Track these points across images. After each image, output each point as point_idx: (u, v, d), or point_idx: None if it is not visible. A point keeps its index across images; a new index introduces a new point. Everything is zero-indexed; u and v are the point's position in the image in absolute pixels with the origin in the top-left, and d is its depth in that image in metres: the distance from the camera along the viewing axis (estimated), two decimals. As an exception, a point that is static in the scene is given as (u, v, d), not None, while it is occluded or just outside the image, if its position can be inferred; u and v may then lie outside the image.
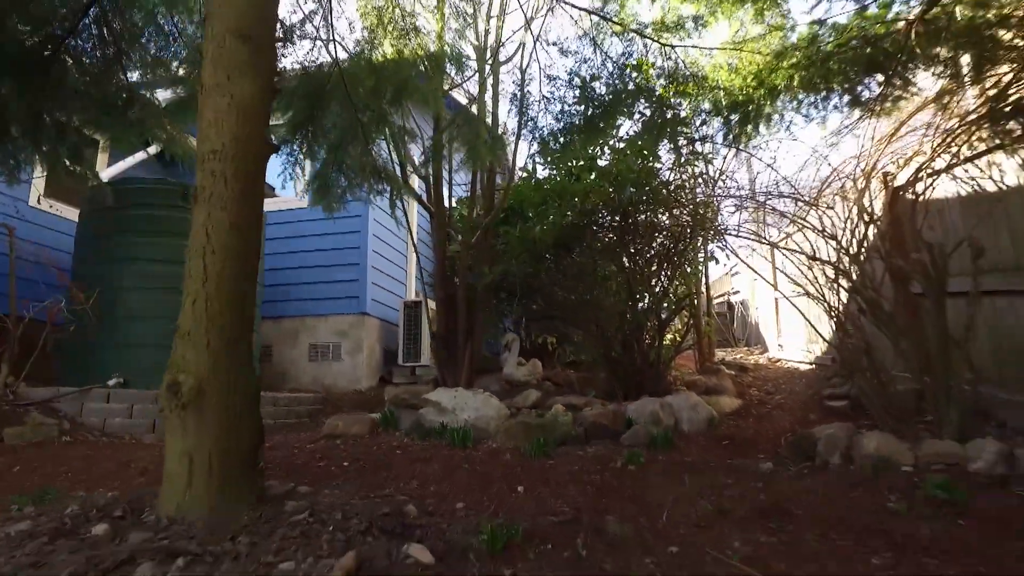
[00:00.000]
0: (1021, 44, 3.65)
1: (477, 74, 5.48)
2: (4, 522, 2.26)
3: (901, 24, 3.75)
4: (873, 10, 4.21)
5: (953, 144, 4.53)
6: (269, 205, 7.26)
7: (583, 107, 5.42)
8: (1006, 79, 3.98)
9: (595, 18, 4.49)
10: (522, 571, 1.94)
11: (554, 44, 5.15)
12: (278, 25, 3.83)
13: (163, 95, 5.13)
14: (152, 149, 7.72)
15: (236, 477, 2.43)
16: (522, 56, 5.30)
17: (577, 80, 5.28)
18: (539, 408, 4.78)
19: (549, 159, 5.64)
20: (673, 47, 4.50)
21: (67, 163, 4.95)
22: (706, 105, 4.87)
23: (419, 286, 8.76)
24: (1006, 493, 2.71)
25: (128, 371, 5.57)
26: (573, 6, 4.44)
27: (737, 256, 6.62)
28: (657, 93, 5.11)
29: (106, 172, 7.18)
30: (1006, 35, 3.62)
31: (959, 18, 3.70)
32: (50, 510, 2.43)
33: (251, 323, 2.66)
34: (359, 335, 7.47)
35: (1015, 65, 3.86)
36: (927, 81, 4.71)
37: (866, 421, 4.29)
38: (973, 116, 4.29)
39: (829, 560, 2.03)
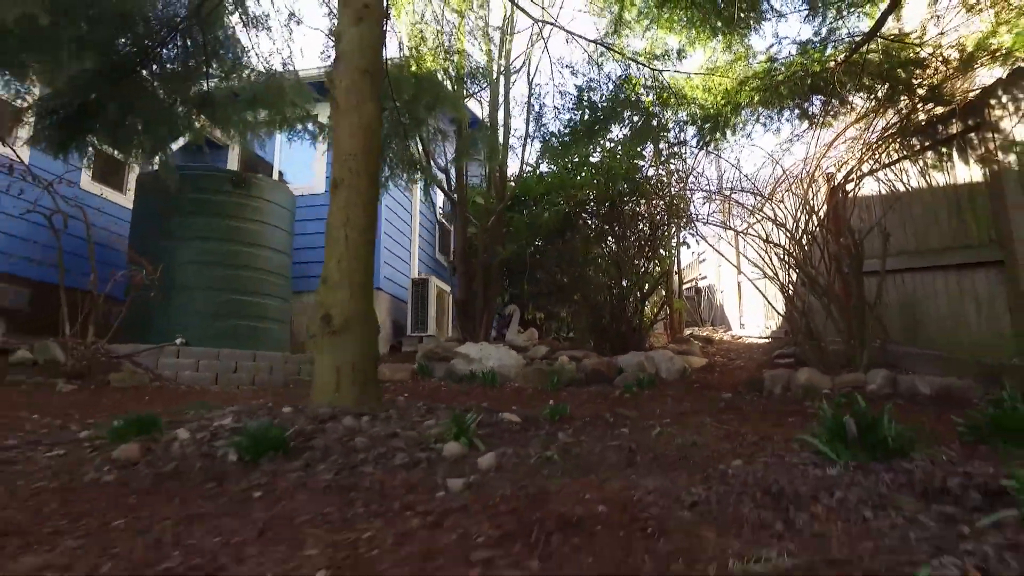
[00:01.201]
0: (915, 82, 5.04)
1: (489, 88, 6.67)
2: (213, 419, 3.41)
3: (831, 64, 5.10)
4: (814, 46, 5.57)
5: (875, 153, 5.96)
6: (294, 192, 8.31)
7: (580, 113, 6.69)
8: (910, 107, 5.39)
9: (596, 45, 5.74)
10: (576, 429, 3.19)
11: (566, 66, 6.39)
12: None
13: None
14: (181, 140, 8.66)
15: (367, 382, 3.62)
16: (529, 71, 6.51)
17: (575, 92, 6.53)
18: (547, 360, 6.05)
19: (551, 157, 6.87)
20: (660, 71, 5.79)
21: (143, 152, 5.98)
22: (684, 116, 6.18)
23: (421, 267, 9.97)
24: (885, 400, 4.08)
25: (186, 334, 6.61)
26: (583, 38, 5.68)
27: (706, 241, 8.02)
28: (643, 105, 6.40)
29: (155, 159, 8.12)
30: (903, 75, 5.00)
31: (875, 61, 5.07)
32: (234, 411, 3.58)
33: (372, 275, 3.84)
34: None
35: (915, 97, 5.27)
36: (859, 101, 6.12)
37: (785, 355, 5.70)
38: (888, 133, 5.71)
39: (762, 424, 3.35)
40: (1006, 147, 4.43)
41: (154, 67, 5.64)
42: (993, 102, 4.58)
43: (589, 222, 7.56)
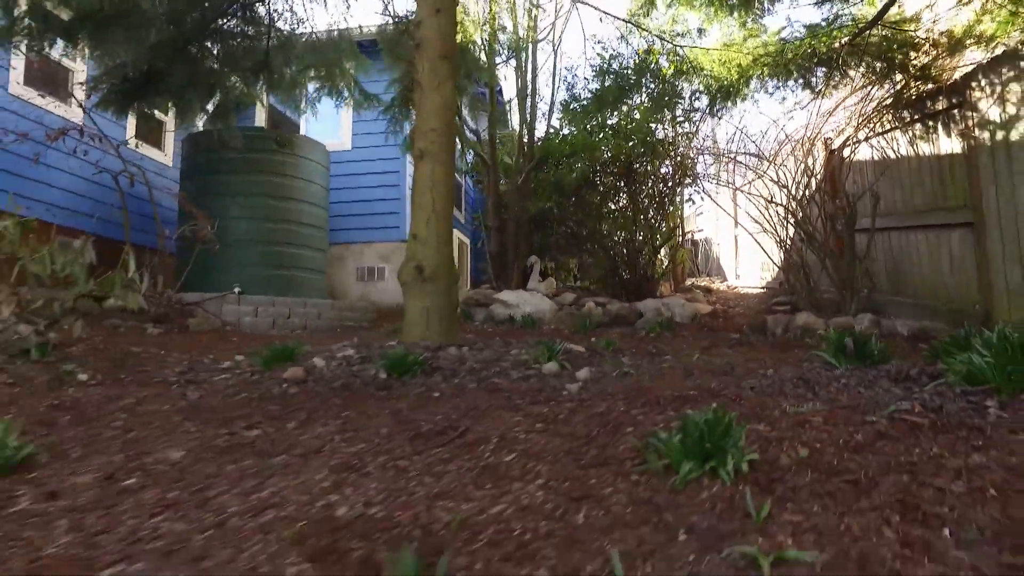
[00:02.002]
0: (909, 62, 5.85)
1: (516, 59, 7.36)
2: (336, 351, 4.25)
3: (836, 45, 5.89)
4: (822, 29, 6.34)
5: (870, 123, 6.80)
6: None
7: (602, 81, 7.42)
8: (903, 84, 6.22)
9: (625, 22, 6.46)
10: (631, 356, 4.10)
11: (593, 40, 7.07)
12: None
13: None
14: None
15: (450, 322, 4.49)
16: (555, 43, 7.21)
17: (598, 63, 7.25)
18: (575, 305, 6.95)
19: (574, 120, 7.63)
20: (680, 46, 6.53)
21: (201, 114, 6.63)
22: (699, 86, 6.94)
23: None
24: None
25: (239, 284, 7.38)
26: (615, 17, 6.38)
27: (712, 199, 8.88)
28: (662, 74, 7.15)
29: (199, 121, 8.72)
30: (899, 56, 5.81)
31: (875, 42, 5.86)
32: (351, 345, 4.43)
33: (451, 232, 4.65)
34: (400, 259, 9.41)
35: (908, 75, 6.09)
36: (858, 76, 6.92)
37: (782, 303, 6.67)
38: (883, 105, 6.55)
39: (773, 353, 4.28)
40: (982, 125, 5.29)
41: (216, 37, 6.24)
42: (974, 84, 5.42)
43: (606, 181, 8.37)
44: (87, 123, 7.24)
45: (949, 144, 5.86)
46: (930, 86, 5.96)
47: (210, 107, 6.78)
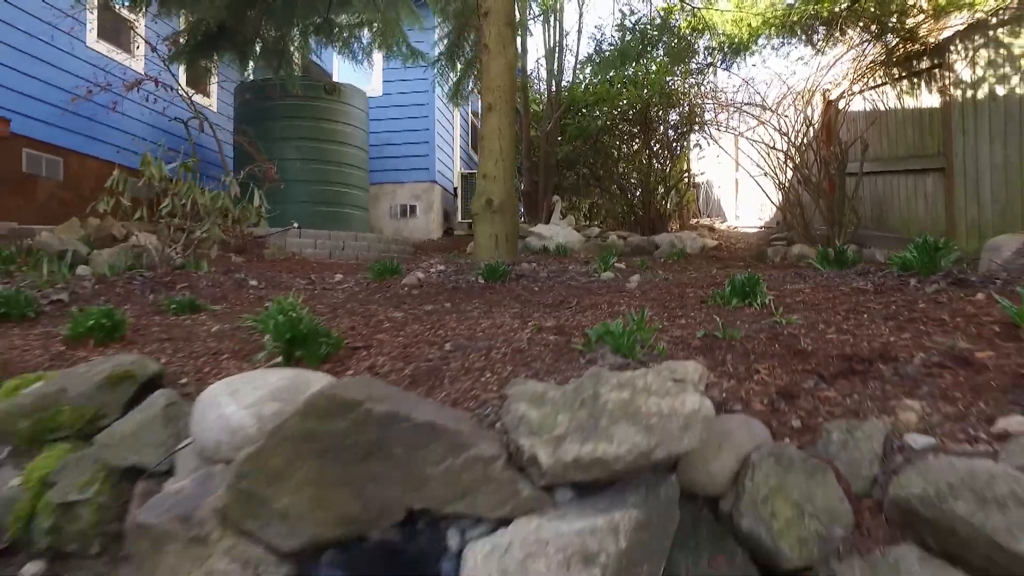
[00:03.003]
0: (899, 25, 6.94)
1: (544, 17, 8.34)
2: (431, 266, 5.42)
3: (836, 9, 6.95)
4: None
5: (864, 78, 7.91)
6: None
7: (622, 35, 8.43)
8: (893, 44, 7.31)
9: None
10: (663, 271, 5.31)
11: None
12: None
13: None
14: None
15: (512, 244, 5.67)
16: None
17: (620, 19, 8.24)
18: (600, 238, 8.15)
19: (598, 70, 8.66)
20: (697, 8, 7.55)
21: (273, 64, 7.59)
22: (713, 43, 7.99)
23: (461, 163, 11.79)
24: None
25: (295, 219, 8.48)
26: (642, -20, 7.35)
27: (717, 143, 10.01)
28: (678, 30, 8.18)
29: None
30: (891, 19, 6.89)
31: (870, 7, 6.93)
32: (439, 262, 5.60)
33: (513, 172, 5.77)
34: (430, 198, 10.52)
35: (897, 36, 7.18)
36: (855, 35, 7.98)
37: (779, 238, 7.91)
38: (875, 62, 7.65)
39: (774, 272, 5.53)
40: (956, 84, 6.43)
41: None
42: (951, 48, 6.53)
43: (623, 128, 9.45)
44: (149, 73, 8.16)
45: (929, 99, 7.00)
46: (917, 47, 7.05)
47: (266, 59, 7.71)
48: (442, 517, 1.23)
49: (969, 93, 6.27)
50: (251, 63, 7.76)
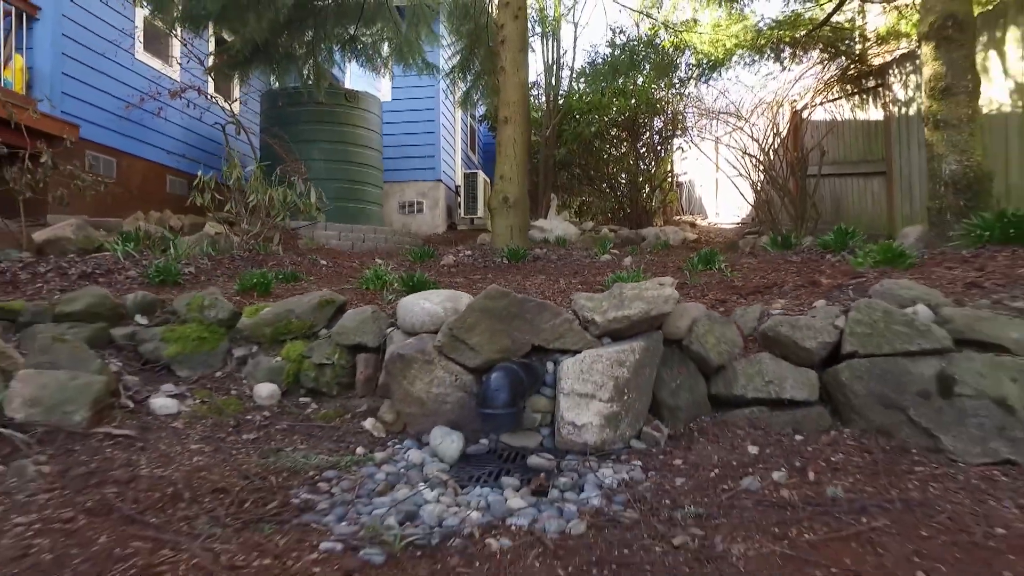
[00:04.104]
0: (850, 50, 8.44)
1: (541, 35, 9.75)
2: (460, 251, 6.78)
3: (798, 35, 8.44)
4: (786, 21, 8.86)
5: (823, 91, 9.42)
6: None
7: (612, 51, 9.87)
8: (846, 65, 8.81)
9: (633, 9, 8.88)
10: (651, 255, 6.73)
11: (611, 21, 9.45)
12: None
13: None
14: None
15: (524, 234, 7.05)
16: (575, 19, 9.58)
17: (610, 37, 9.69)
18: (593, 231, 9.56)
19: (591, 81, 10.08)
20: (679, 31, 9.00)
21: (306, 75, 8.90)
22: (692, 60, 9.46)
23: (462, 163, 13.16)
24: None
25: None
26: (629, 8, 8.80)
27: (698, 147, 11.50)
28: (662, 47, 9.64)
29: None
30: (843, 45, 8.39)
31: (826, 33, 8.42)
32: (459, 251, 6.96)
33: (526, 173, 7.15)
34: (435, 195, 11.88)
35: (848, 58, 8.69)
36: (816, 55, 9.48)
37: (752, 232, 9.40)
38: (833, 79, 9.15)
39: (737, 255, 6.98)
40: (894, 102, 7.93)
41: (318, 15, 8.46)
42: (890, 71, 8.03)
43: (613, 133, 10.89)
44: (184, 82, 9.41)
45: (875, 113, 8.52)
46: (864, 68, 8.57)
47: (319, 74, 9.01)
48: (547, 350, 2.61)
49: (903, 110, 7.77)
50: (282, 74, 9.05)
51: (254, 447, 2.42)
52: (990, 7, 6.50)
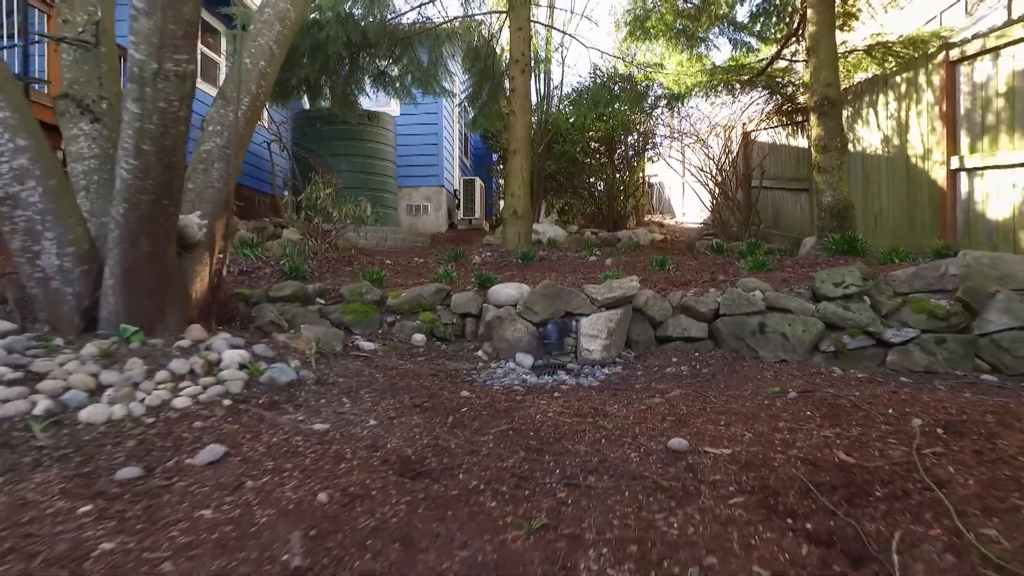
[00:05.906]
0: (787, 89, 11.34)
1: (532, 72, 12.49)
2: (483, 251, 9.47)
3: (745, 77, 11.30)
4: (734, 65, 11.72)
5: (767, 119, 12.33)
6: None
7: (593, 81, 12.65)
8: (783, 100, 11.70)
9: (612, 56, 11.66)
10: (626, 255, 9.53)
11: (591, 66, 12.27)
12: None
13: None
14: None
15: (529, 239, 9.79)
16: (562, 58, 12.31)
17: (591, 72, 12.50)
18: (577, 233, 12.34)
19: (576, 109, 12.85)
20: (648, 70, 11.78)
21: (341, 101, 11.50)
22: (659, 92, 12.29)
23: (459, 170, 15.85)
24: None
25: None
26: (602, 52, 11.57)
27: (664, 160, 14.38)
28: (635, 81, 12.47)
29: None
30: (781, 86, 11.28)
31: (770, 73, 11.31)
32: (483, 251, 9.68)
33: (530, 191, 9.88)
34: (439, 199, 14.55)
35: (783, 98, 11.58)
36: (760, 91, 12.36)
37: (709, 234, 12.36)
38: (775, 109, 12.06)
39: (686, 257, 9.83)
40: (812, 136, 10.82)
41: (356, 57, 11.03)
42: (809, 113, 10.92)
43: (594, 147, 13.68)
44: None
45: (803, 141, 11.42)
46: (794, 106, 11.48)
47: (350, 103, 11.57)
48: (573, 314, 5.38)
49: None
50: (318, 99, 11.61)
51: (427, 362, 5.13)
52: (849, 85, 9.46)
